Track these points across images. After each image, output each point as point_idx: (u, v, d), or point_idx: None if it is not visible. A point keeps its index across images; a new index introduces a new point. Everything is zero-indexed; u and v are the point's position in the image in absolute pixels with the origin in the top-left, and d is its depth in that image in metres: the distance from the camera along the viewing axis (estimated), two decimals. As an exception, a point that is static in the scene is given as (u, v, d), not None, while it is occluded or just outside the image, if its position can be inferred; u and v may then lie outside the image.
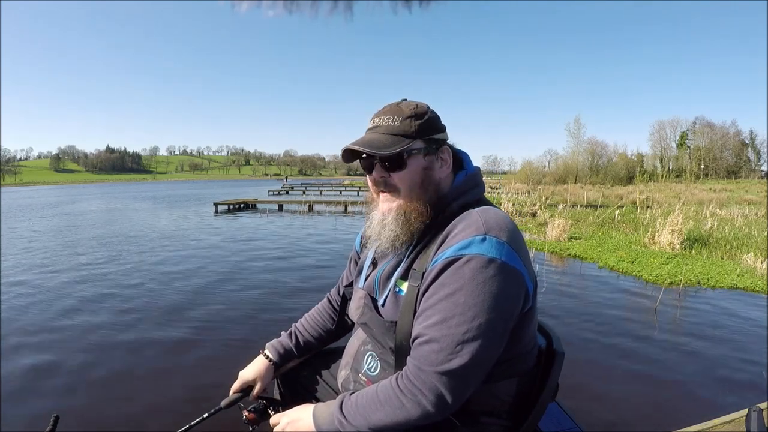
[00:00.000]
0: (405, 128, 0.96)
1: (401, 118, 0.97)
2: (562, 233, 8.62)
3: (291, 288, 5.05)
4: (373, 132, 0.98)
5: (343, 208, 17.01)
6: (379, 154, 0.94)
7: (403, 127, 0.96)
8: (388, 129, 0.97)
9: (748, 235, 8.49)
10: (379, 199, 1.03)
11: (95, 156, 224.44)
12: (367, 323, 1.04)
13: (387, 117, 0.98)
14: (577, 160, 50.36)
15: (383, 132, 0.97)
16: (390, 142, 0.95)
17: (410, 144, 0.95)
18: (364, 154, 0.97)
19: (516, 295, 0.88)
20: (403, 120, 0.97)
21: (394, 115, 0.98)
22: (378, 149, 0.94)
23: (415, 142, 0.96)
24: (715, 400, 2.58)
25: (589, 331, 3.70)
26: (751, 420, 1.23)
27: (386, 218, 0.98)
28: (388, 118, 0.98)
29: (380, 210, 1.01)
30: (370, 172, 1.00)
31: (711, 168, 59.44)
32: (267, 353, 1.28)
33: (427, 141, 0.98)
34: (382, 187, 1.00)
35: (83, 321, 3.88)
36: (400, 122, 0.97)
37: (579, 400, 2.49)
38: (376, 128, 0.99)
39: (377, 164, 0.98)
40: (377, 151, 0.94)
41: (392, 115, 0.98)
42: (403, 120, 0.97)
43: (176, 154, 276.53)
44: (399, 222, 0.96)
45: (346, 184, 49.39)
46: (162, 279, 5.48)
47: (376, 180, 1.00)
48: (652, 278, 5.52)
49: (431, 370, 0.84)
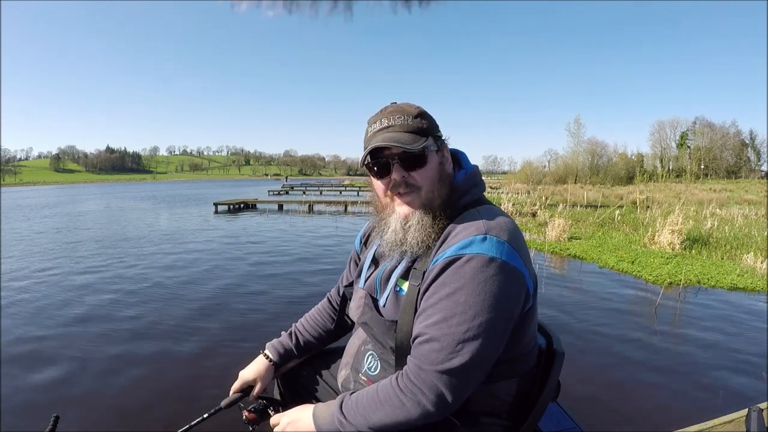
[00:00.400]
0: (418, 125, 0.96)
1: (411, 117, 0.97)
2: (562, 233, 8.62)
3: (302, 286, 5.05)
4: (388, 131, 0.96)
5: (343, 208, 17.02)
6: (410, 149, 0.93)
7: (416, 124, 0.96)
8: (404, 127, 0.96)
9: (748, 235, 8.49)
10: (394, 204, 1.00)
11: (95, 156, 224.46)
12: (368, 323, 1.04)
13: (397, 116, 0.97)
14: (577, 160, 50.37)
15: (400, 130, 0.95)
16: (411, 139, 0.94)
17: (426, 141, 0.96)
18: (381, 156, 0.96)
19: (516, 294, 0.88)
20: (414, 118, 0.97)
21: (403, 114, 0.97)
22: (406, 144, 0.93)
23: (428, 140, 0.97)
24: (715, 400, 2.58)
25: (589, 330, 3.70)
26: (751, 420, 1.22)
27: (410, 221, 0.96)
28: (399, 117, 0.97)
29: (399, 214, 0.98)
30: (387, 173, 0.97)
31: (711, 168, 59.44)
32: (267, 353, 1.28)
33: (435, 138, 0.99)
34: (402, 188, 0.97)
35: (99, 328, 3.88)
36: (412, 120, 0.96)
37: (578, 400, 2.49)
38: (390, 128, 0.96)
39: (396, 164, 0.95)
40: (405, 146, 0.93)
41: (401, 114, 0.97)
42: (414, 118, 0.97)
43: (176, 154, 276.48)
44: (426, 222, 0.95)
45: (346, 184, 49.40)
46: (169, 281, 5.48)
47: (396, 181, 0.96)
48: (652, 278, 5.52)
49: (431, 369, 0.84)
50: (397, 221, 0.98)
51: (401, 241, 0.97)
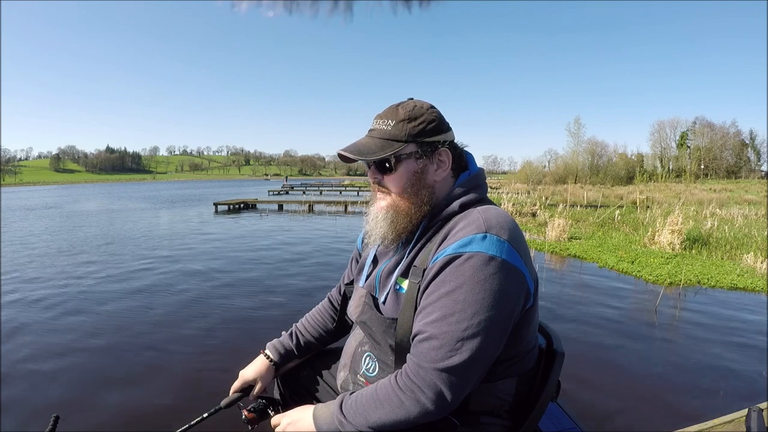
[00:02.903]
0: (396, 132, 0.98)
1: (394, 122, 0.98)
2: (562, 233, 8.62)
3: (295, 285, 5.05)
4: (369, 136, 1.02)
5: (343, 208, 17.00)
6: (363, 160, 0.98)
7: (394, 131, 0.98)
8: (380, 133, 1.00)
9: (748, 235, 8.48)
10: (376, 197, 1.06)
11: (95, 156, 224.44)
12: (367, 322, 1.04)
13: (382, 120, 1.01)
14: (577, 160, 50.38)
15: (376, 136, 1.00)
16: (378, 146, 0.98)
17: (400, 148, 0.97)
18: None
19: (516, 293, 0.88)
20: (396, 124, 0.98)
21: (389, 118, 1.00)
22: (365, 155, 0.97)
23: (407, 146, 0.98)
24: (714, 399, 2.58)
25: (588, 330, 3.70)
26: (751, 420, 1.22)
27: (378, 215, 1.02)
28: (383, 122, 1.00)
29: (376, 207, 1.04)
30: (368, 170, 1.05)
31: (711, 168, 59.44)
32: (267, 353, 1.28)
33: (421, 144, 0.99)
34: (378, 186, 1.04)
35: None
36: (393, 126, 0.98)
37: (578, 400, 2.49)
38: (372, 131, 1.02)
39: (372, 167, 1.02)
40: (362, 157, 0.98)
41: (387, 119, 1.00)
42: (396, 124, 0.98)
43: (176, 154, 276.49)
44: (387, 221, 1.00)
45: (346, 184, 49.36)
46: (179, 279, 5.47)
47: (373, 180, 1.04)
48: (652, 278, 5.52)
49: (431, 367, 0.84)
50: (374, 212, 1.04)
51: (371, 231, 1.04)
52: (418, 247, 0.98)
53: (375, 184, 1.05)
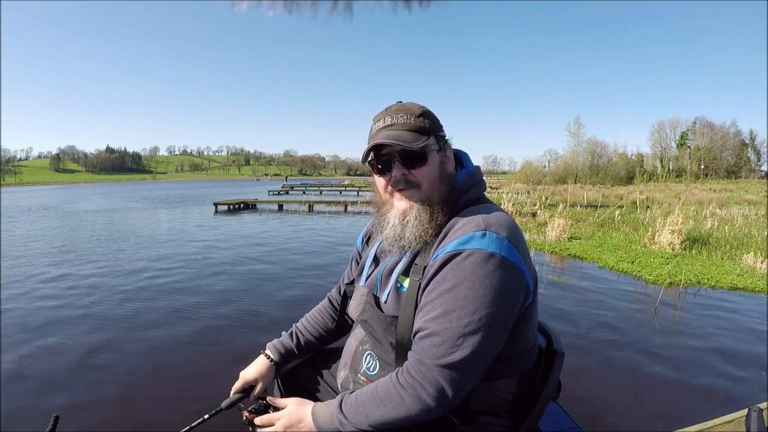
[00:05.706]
0: (420, 125, 0.98)
1: (414, 116, 0.98)
2: (562, 233, 8.62)
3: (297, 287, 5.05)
4: (391, 129, 0.98)
5: (343, 208, 17.01)
6: (409, 147, 0.94)
7: (418, 123, 0.98)
8: (406, 126, 0.97)
9: (748, 235, 8.48)
10: (393, 200, 1.02)
11: (95, 156, 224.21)
12: (368, 320, 1.04)
13: (400, 115, 0.99)
14: (577, 160, 50.40)
15: (401, 129, 0.97)
16: (412, 138, 0.96)
17: (428, 140, 0.97)
18: (383, 153, 0.98)
19: (516, 290, 0.88)
20: (416, 117, 0.98)
21: (406, 113, 0.99)
22: (406, 143, 0.94)
23: (430, 139, 0.98)
24: (715, 400, 2.58)
25: (588, 330, 3.70)
26: (751, 420, 1.22)
27: (408, 216, 0.98)
28: (402, 116, 0.98)
29: (398, 210, 1.00)
30: (388, 170, 0.99)
31: (711, 168, 59.43)
32: (268, 353, 1.28)
33: (437, 138, 1.00)
34: (402, 185, 0.99)
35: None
36: (415, 119, 0.98)
37: (577, 400, 2.49)
38: (392, 126, 0.98)
39: (396, 162, 0.97)
40: (407, 145, 0.94)
41: (404, 113, 0.99)
42: (416, 117, 0.98)
43: (176, 154, 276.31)
44: (423, 218, 0.96)
45: (346, 184, 49.38)
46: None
47: (396, 178, 0.98)
48: (652, 278, 5.52)
49: (432, 363, 0.85)
50: (395, 217, 1.00)
51: (399, 237, 0.98)
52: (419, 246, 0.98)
53: (398, 182, 0.98)
